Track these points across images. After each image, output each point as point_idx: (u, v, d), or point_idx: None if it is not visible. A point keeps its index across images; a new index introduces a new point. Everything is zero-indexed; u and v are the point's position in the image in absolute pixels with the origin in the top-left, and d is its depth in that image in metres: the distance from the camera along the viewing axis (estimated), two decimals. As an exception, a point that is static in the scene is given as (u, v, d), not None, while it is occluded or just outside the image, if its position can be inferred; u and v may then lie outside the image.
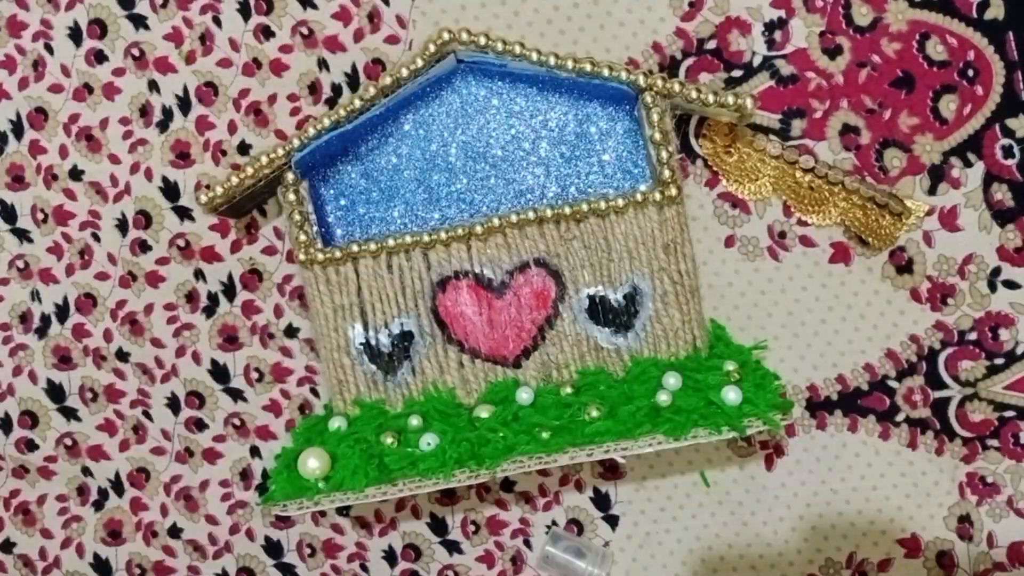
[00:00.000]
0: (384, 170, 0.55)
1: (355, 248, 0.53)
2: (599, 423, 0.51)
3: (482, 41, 0.51)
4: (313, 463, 0.51)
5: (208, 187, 0.53)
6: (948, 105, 0.57)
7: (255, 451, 0.62)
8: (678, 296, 0.53)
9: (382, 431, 0.52)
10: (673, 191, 0.52)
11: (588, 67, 0.52)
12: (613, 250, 0.53)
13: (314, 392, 0.61)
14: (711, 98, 0.52)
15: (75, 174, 0.60)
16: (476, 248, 0.54)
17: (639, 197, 0.52)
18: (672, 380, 0.52)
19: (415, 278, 0.54)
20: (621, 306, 0.54)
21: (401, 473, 0.51)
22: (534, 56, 0.52)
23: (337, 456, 0.52)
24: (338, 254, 0.53)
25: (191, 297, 0.61)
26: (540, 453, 0.51)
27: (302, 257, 0.53)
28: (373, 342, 0.54)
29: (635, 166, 0.55)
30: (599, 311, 0.54)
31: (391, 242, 0.53)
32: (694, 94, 0.52)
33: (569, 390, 0.53)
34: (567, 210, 0.53)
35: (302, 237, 0.53)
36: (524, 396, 0.53)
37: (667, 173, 0.52)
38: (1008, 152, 0.57)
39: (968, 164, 0.58)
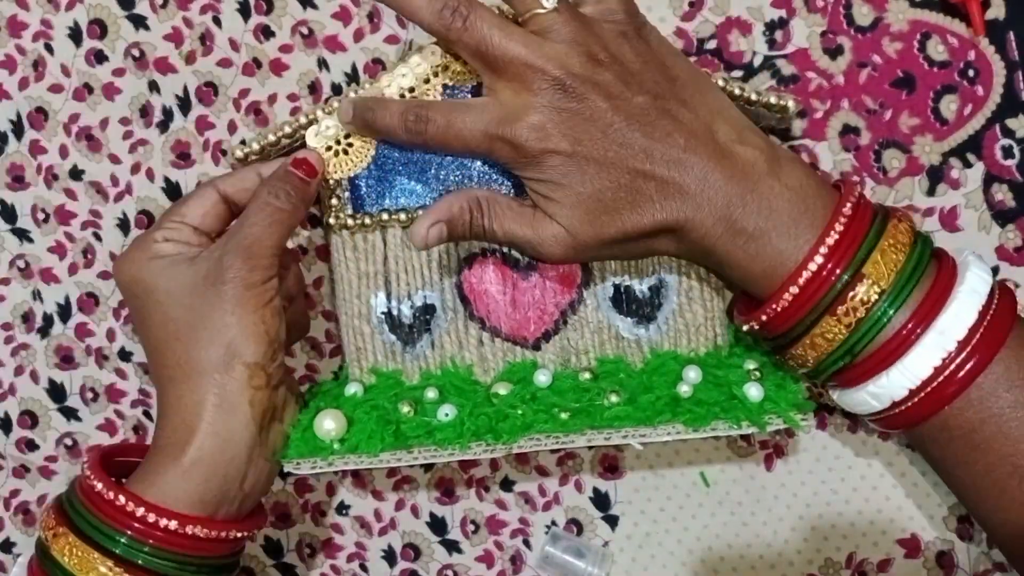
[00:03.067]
0: None
1: (385, 217, 0.53)
2: (618, 408, 0.51)
3: None
4: (329, 424, 0.51)
5: (244, 142, 0.53)
6: (949, 106, 0.57)
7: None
8: (703, 292, 0.54)
9: (399, 400, 0.52)
10: None
11: None
12: None
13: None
14: (753, 97, 0.52)
15: (76, 174, 0.60)
16: None
17: None
18: (692, 374, 0.52)
19: (442, 252, 0.54)
20: (646, 297, 0.54)
21: (417, 441, 0.51)
22: None
23: (353, 420, 0.52)
24: (368, 221, 0.53)
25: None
26: (558, 432, 0.51)
27: (331, 221, 0.54)
28: (395, 312, 0.54)
29: None
30: (623, 300, 0.54)
31: (421, 214, 0.53)
32: (736, 91, 0.52)
33: (588, 376, 0.53)
34: None
35: (334, 201, 0.53)
36: (542, 378, 0.53)
37: None
38: (1008, 152, 0.57)
39: (968, 165, 0.58)
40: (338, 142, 0.52)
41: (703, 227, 0.48)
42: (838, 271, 0.46)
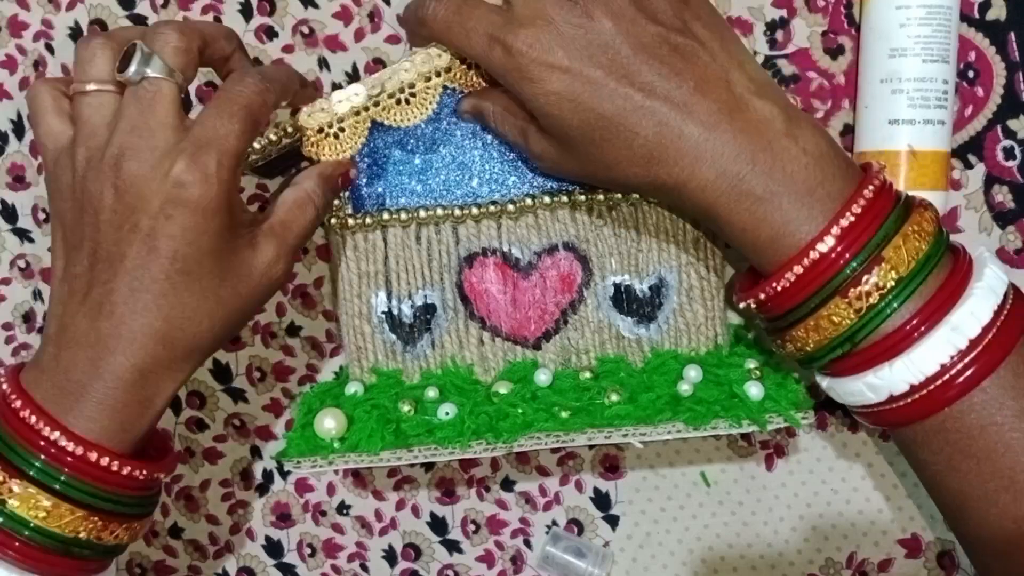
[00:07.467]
0: (420, 141, 0.54)
1: (386, 216, 0.53)
2: (619, 407, 0.51)
3: None
4: (329, 423, 0.51)
5: None
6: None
7: (255, 451, 0.62)
8: (703, 292, 0.54)
9: (399, 399, 0.53)
10: None
11: None
12: (643, 240, 0.54)
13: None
14: None
15: (76, 174, 0.60)
16: (506, 227, 0.54)
17: None
18: (693, 373, 0.52)
19: (443, 251, 0.54)
20: (646, 297, 0.54)
21: (418, 440, 0.51)
22: None
23: (354, 419, 0.52)
24: (368, 221, 0.54)
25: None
26: (558, 431, 0.51)
27: (332, 221, 0.54)
28: (395, 312, 0.55)
29: None
30: (624, 300, 0.54)
31: (422, 213, 0.53)
32: None
33: (588, 375, 0.53)
34: (600, 196, 0.53)
35: (334, 200, 0.53)
36: (543, 378, 0.53)
37: None
38: (1009, 154, 0.57)
39: (969, 166, 0.58)
40: (330, 125, 0.52)
41: (703, 181, 0.44)
42: (848, 254, 0.44)
